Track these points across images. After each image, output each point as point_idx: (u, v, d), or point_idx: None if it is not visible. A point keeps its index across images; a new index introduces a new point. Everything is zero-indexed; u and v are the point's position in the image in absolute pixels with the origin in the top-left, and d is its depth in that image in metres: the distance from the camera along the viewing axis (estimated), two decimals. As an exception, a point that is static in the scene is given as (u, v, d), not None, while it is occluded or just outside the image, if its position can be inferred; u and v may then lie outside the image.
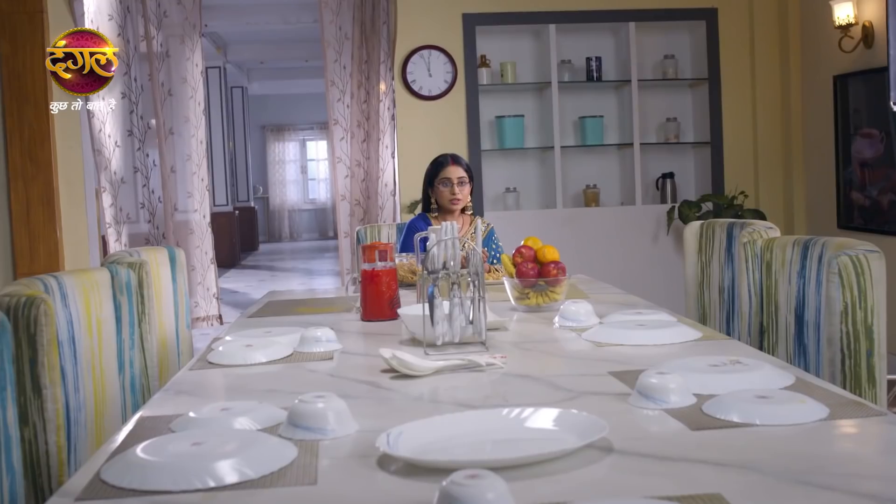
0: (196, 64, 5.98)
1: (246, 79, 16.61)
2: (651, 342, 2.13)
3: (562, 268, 2.74)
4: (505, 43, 6.44)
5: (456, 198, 3.83)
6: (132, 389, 2.60)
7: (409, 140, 6.20)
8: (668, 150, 6.58)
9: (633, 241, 6.31)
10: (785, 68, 6.27)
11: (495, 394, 1.73)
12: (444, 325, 2.13)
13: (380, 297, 2.69)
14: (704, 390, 1.64)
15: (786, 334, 2.53)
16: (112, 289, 2.55)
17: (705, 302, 3.37)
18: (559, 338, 2.31)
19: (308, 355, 2.19)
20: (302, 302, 3.26)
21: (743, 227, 3.07)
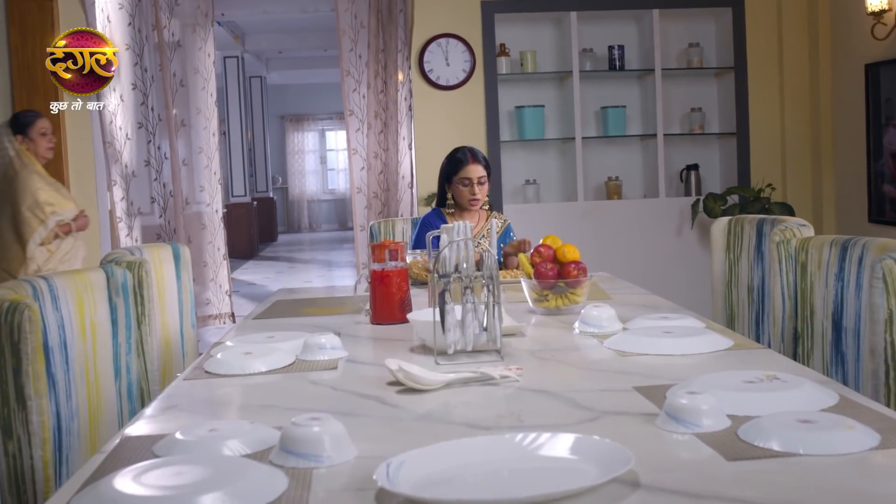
0: (208, 54, 5.85)
1: (265, 68, 16.50)
2: (679, 352, 1.98)
3: (583, 268, 2.59)
4: (525, 31, 6.28)
5: (475, 198, 3.69)
6: (129, 396, 2.47)
7: (426, 131, 6.05)
8: (693, 142, 6.40)
9: (656, 235, 6.15)
10: (814, 56, 6.07)
11: (509, 413, 1.58)
12: (457, 333, 1.99)
13: (390, 299, 2.55)
14: (739, 411, 1.49)
15: (822, 341, 2.37)
16: (107, 290, 2.42)
17: (733, 301, 3.21)
18: (580, 345, 2.16)
19: (311, 364, 2.05)
20: (310, 302, 3.13)
21: (774, 224, 2.92)
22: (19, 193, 4.37)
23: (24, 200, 4.36)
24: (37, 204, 4.37)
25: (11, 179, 4.41)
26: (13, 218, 4.37)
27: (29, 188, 4.38)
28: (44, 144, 4.48)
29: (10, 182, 4.41)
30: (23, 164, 4.43)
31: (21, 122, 4.48)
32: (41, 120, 4.51)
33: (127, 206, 5.58)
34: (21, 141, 4.45)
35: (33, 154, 4.46)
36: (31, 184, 4.40)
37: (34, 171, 4.46)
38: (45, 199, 4.40)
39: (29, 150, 4.45)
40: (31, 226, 4.36)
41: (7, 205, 4.41)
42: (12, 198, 4.39)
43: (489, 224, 3.79)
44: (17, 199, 4.37)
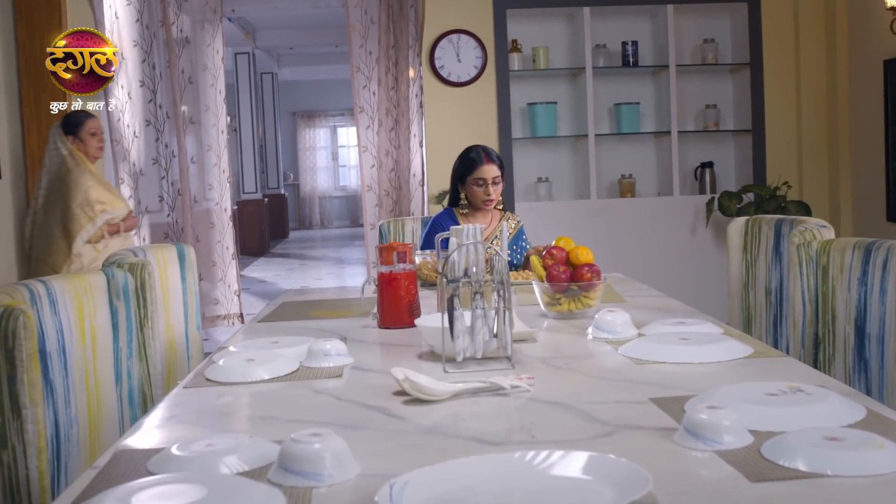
0: (217, 50, 5.79)
1: (276, 64, 16.45)
2: (696, 360, 1.91)
3: (596, 271, 2.51)
4: (537, 27, 6.20)
5: (490, 198, 3.61)
6: (130, 402, 2.41)
7: (438, 128, 5.99)
8: (708, 139, 6.32)
9: (670, 234, 6.07)
10: (832, 52, 5.97)
11: (520, 426, 1.51)
12: (466, 340, 1.92)
13: (398, 302, 2.48)
14: (762, 426, 1.42)
15: (844, 347, 2.30)
16: (108, 293, 2.36)
17: (750, 304, 3.14)
18: (593, 352, 2.09)
19: (315, 371, 1.99)
20: (317, 304, 3.06)
21: (792, 224, 2.84)
22: (71, 190, 4.45)
23: (75, 197, 4.44)
24: (87, 201, 4.44)
25: (64, 177, 4.48)
26: (62, 214, 4.44)
27: (81, 185, 4.45)
28: (94, 144, 4.55)
29: (62, 180, 4.49)
30: (76, 162, 4.50)
31: (72, 123, 4.55)
32: (91, 120, 4.59)
33: (135, 205, 5.53)
34: (72, 141, 4.52)
35: (84, 154, 4.53)
36: (82, 181, 4.46)
37: (86, 170, 4.53)
38: (95, 196, 4.47)
39: (80, 150, 4.52)
40: (80, 222, 4.42)
41: (59, 202, 4.48)
42: (64, 195, 4.46)
43: (501, 226, 3.71)
44: (69, 196, 4.44)
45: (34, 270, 4.46)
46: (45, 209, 4.54)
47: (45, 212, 4.54)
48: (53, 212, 4.49)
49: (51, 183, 4.54)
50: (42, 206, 4.55)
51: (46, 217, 4.52)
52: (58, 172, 4.52)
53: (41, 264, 4.44)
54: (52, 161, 4.54)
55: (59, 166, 4.52)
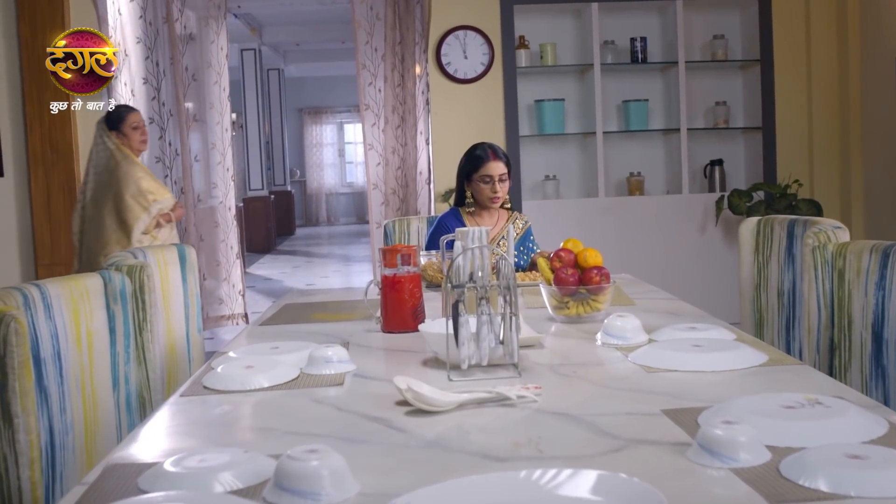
0: (221, 47, 5.74)
1: (282, 61, 16.40)
2: (709, 368, 1.84)
3: (605, 274, 2.45)
4: (545, 23, 6.14)
5: (497, 196, 3.55)
6: (128, 407, 2.36)
7: (444, 126, 5.93)
8: (717, 136, 6.25)
9: (679, 232, 6.00)
10: (843, 48, 5.90)
11: (527, 440, 1.45)
12: (471, 346, 1.86)
13: (401, 305, 2.42)
14: (780, 442, 1.36)
15: (861, 353, 2.23)
16: (105, 297, 2.31)
17: (762, 306, 3.07)
18: (602, 359, 2.03)
19: (316, 379, 1.93)
20: (320, 306, 3.01)
21: (806, 225, 2.78)
22: (122, 182, 4.52)
23: (127, 189, 4.51)
24: (140, 192, 4.52)
25: (113, 170, 4.56)
26: (116, 206, 4.52)
27: (132, 177, 4.54)
28: (136, 138, 4.62)
29: (111, 173, 4.56)
30: (123, 155, 4.58)
31: (114, 119, 4.61)
32: (132, 114, 4.65)
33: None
34: (116, 136, 4.60)
35: (128, 148, 4.60)
36: (133, 173, 4.55)
37: (134, 162, 4.62)
38: (146, 187, 4.55)
39: (124, 144, 4.59)
40: (135, 213, 4.51)
41: (110, 195, 4.55)
42: (115, 187, 4.53)
43: (508, 227, 3.65)
44: (121, 188, 4.52)
45: (89, 263, 4.54)
46: (95, 201, 4.60)
47: (94, 204, 4.60)
48: (104, 204, 4.55)
49: (99, 176, 4.61)
50: (91, 199, 4.61)
51: (97, 209, 4.58)
52: (106, 165, 4.58)
53: (98, 256, 4.50)
54: (100, 155, 4.61)
55: (107, 159, 4.59)
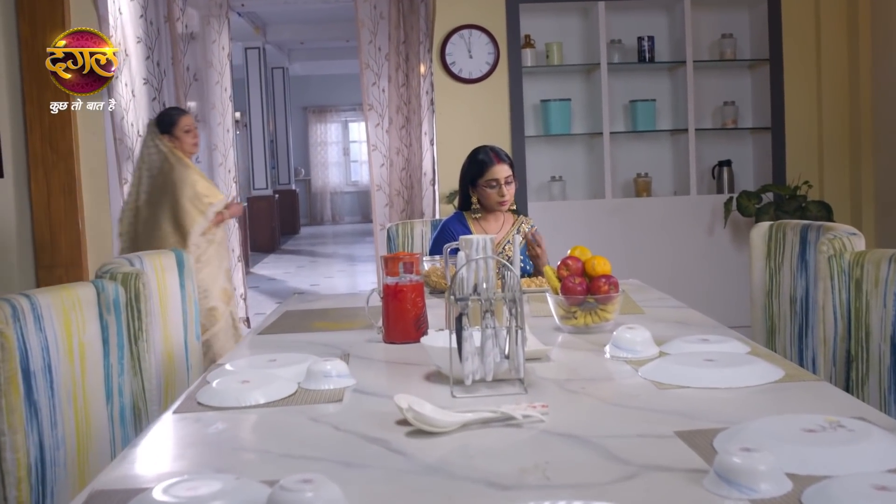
0: (223, 47, 5.67)
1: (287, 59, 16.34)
2: (723, 384, 1.77)
3: (614, 283, 2.38)
4: (551, 21, 6.07)
5: (504, 199, 3.48)
6: (122, 421, 2.29)
7: (448, 126, 5.85)
8: (725, 137, 6.17)
9: (687, 234, 5.92)
10: (853, 47, 5.81)
11: (534, 466, 1.38)
12: (475, 362, 1.79)
13: (404, 315, 2.35)
14: (800, 469, 1.28)
15: (879, 366, 2.15)
16: (98, 307, 2.24)
17: (774, 313, 3.00)
18: (612, 373, 1.96)
19: (314, 395, 1.86)
20: (321, 314, 2.94)
21: (819, 231, 2.70)
22: (178, 186, 4.55)
23: (184, 192, 4.54)
24: (196, 196, 4.55)
25: (168, 173, 4.58)
26: (173, 210, 4.54)
27: (187, 180, 4.56)
28: (188, 140, 4.65)
29: (166, 176, 4.59)
30: (177, 158, 4.61)
31: (165, 122, 4.65)
32: (184, 117, 4.68)
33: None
34: (168, 139, 4.63)
35: (180, 151, 4.63)
36: (188, 176, 4.57)
37: (188, 165, 4.64)
38: (202, 190, 4.58)
39: (176, 147, 4.62)
40: (193, 216, 4.53)
41: (166, 198, 4.57)
42: (171, 191, 4.56)
43: (513, 233, 3.58)
44: (177, 192, 4.54)
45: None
46: (150, 204, 4.62)
47: (149, 207, 4.62)
48: (160, 207, 4.57)
49: (153, 179, 4.62)
50: (146, 202, 4.63)
51: (152, 212, 4.60)
52: (160, 168, 4.60)
53: None
54: (152, 158, 4.63)
55: (161, 162, 4.61)
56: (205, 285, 4.58)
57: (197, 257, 4.53)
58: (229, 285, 4.78)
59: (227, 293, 4.75)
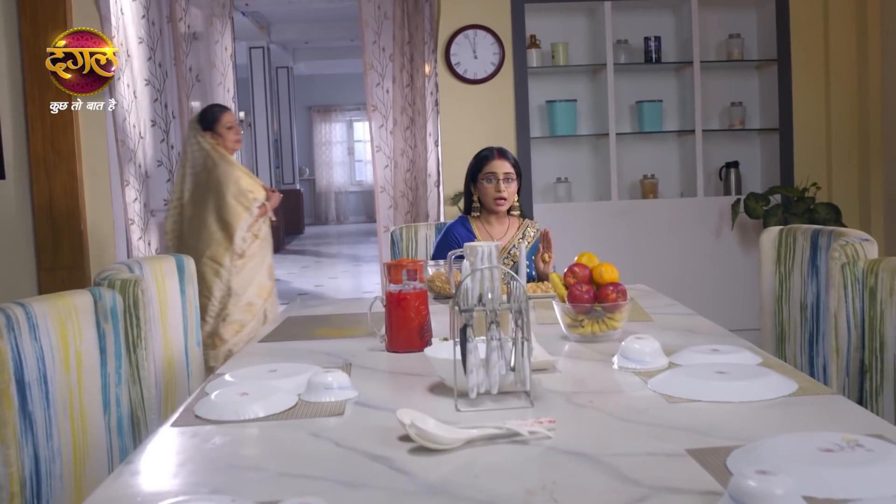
0: (226, 47, 5.62)
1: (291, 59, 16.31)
2: (735, 398, 1.72)
3: (622, 290, 2.33)
4: (556, 22, 6.01)
5: (501, 196, 3.42)
6: (119, 431, 2.25)
7: (453, 127, 5.80)
8: (733, 138, 6.11)
9: (693, 236, 5.87)
10: (863, 46, 5.75)
11: (541, 487, 1.33)
12: (480, 374, 1.74)
13: (408, 323, 2.30)
14: (818, 492, 1.23)
15: (894, 377, 2.10)
16: (95, 315, 2.20)
17: (783, 319, 2.95)
18: (620, 385, 1.91)
19: (315, 407, 1.81)
20: (323, 320, 2.89)
21: (831, 237, 2.65)
22: (222, 183, 4.59)
23: (228, 189, 4.58)
24: (241, 192, 4.58)
25: (211, 171, 4.62)
26: (217, 207, 4.58)
27: (231, 177, 4.60)
28: (231, 137, 4.69)
29: (209, 173, 4.62)
30: (220, 155, 4.65)
31: (208, 119, 4.68)
32: (226, 114, 4.72)
33: (140, 208, 5.37)
34: (211, 136, 4.66)
35: (222, 147, 4.67)
36: (231, 173, 4.61)
37: (231, 161, 4.68)
38: (246, 186, 4.61)
39: (218, 144, 4.66)
40: (238, 213, 4.57)
41: (210, 195, 4.61)
42: (215, 188, 4.60)
43: (518, 237, 3.52)
44: (223, 189, 4.58)
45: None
46: (194, 202, 4.66)
47: (193, 205, 4.66)
48: (204, 204, 4.61)
49: (197, 176, 4.66)
50: (190, 200, 4.67)
51: (196, 210, 4.64)
52: (204, 165, 4.64)
53: (201, 256, 4.55)
54: (195, 155, 4.68)
55: (203, 160, 4.65)
56: (246, 281, 4.62)
57: (242, 252, 4.58)
58: (269, 281, 4.80)
59: (265, 289, 4.76)
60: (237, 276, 4.59)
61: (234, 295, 4.59)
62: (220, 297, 4.58)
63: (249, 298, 4.64)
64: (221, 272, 4.56)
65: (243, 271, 4.59)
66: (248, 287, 4.63)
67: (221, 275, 4.56)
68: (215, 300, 4.57)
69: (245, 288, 4.60)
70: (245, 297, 4.61)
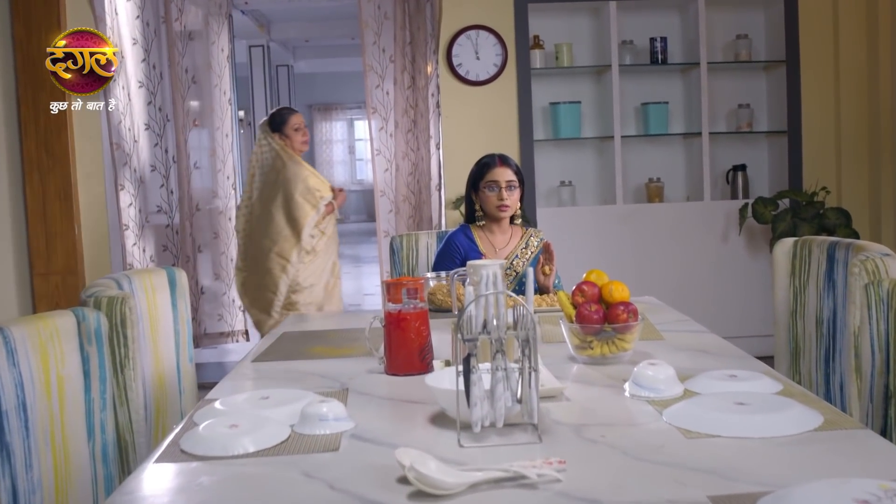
0: (222, 49, 5.50)
1: (292, 57, 16.18)
2: (757, 434, 1.61)
3: (633, 310, 2.21)
4: (560, 22, 5.90)
5: (504, 204, 3.33)
6: (104, 459, 2.14)
7: (455, 129, 5.69)
8: (740, 140, 6.00)
9: (700, 241, 5.75)
10: (873, 47, 5.63)
11: (551, 542, 1.22)
12: (485, 407, 1.64)
13: (407, 345, 2.19)
14: (857, 553, 1.12)
15: (921, 404, 1.99)
16: (78, 337, 2.09)
17: (798, 334, 2.84)
18: (633, 416, 1.80)
19: (308, 441, 1.70)
20: (320, 337, 2.78)
21: (848, 250, 2.55)
22: (291, 182, 4.73)
23: (297, 188, 4.72)
24: (308, 190, 4.73)
25: (280, 170, 4.76)
26: (286, 205, 4.72)
27: (299, 176, 4.74)
28: (298, 139, 4.83)
29: (278, 173, 4.77)
30: (289, 155, 4.79)
31: (277, 121, 4.84)
32: (294, 116, 4.89)
33: (136, 213, 5.26)
34: (279, 138, 4.81)
35: (290, 148, 4.81)
36: (300, 172, 4.76)
37: (299, 161, 4.82)
38: (313, 184, 4.75)
39: (287, 145, 4.80)
40: (306, 211, 4.71)
41: (279, 194, 4.74)
42: (285, 187, 4.73)
43: (524, 242, 3.42)
44: (290, 188, 4.73)
45: (257, 261, 4.76)
46: (262, 201, 4.79)
47: (261, 203, 4.79)
48: (273, 202, 4.74)
49: (266, 176, 4.80)
50: (259, 199, 4.80)
51: (265, 208, 4.77)
52: (272, 165, 4.78)
53: (269, 253, 4.71)
54: (265, 156, 4.82)
55: (273, 160, 4.79)
56: (312, 276, 4.72)
57: (310, 249, 4.71)
58: (334, 278, 4.93)
59: (329, 285, 4.89)
60: (304, 271, 4.74)
61: (299, 291, 4.74)
62: (285, 291, 4.73)
63: (315, 294, 4.75)
64: (288, 268, 4.71)
65: (310, 267, 4.72)
66: (314, 282, 4.75)
67: (288, 270, 4.71)
68: (280, 295, 4.74)
69: (311, 282, 4.71)
70: (310, 291, 4.71)
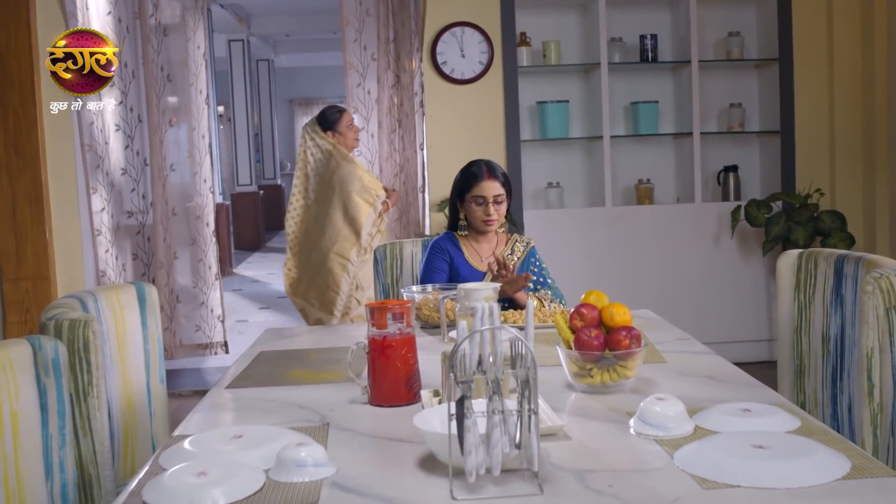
0: (198, 46, 5.30)
1: (272, 51, 15.99)
2: (781, 484, 1.46)
3: (636, 336, 2.06)
4: (548, 18, 5.76)
5: (490, 219, 3.21)
6: (63, 500, 1.97)
7: (440, 129, 5.54)
8: (732, 141, 5.88)
9: (691, 244, 5.63)
10: (868, 45, 5.51)
11: None
12: (480, 454, 1.48)
13: (393, 374, 2.03)
14: None
15: (948, 439, 1.85)
16: (35, 368, 1.92)
17: (803, 351, 2.70)
18: (642, 458, 1.64)
19: (285, 491, 1.54)
20: (299, 357, 2.61)
21: (858, 265, 2.41)
22: (347, 180, 4.69)
23: (353, 186, 4.68)
24: (364, 188, 4.69)
25: (335, 169, 4.73)
26: (343, 203, 4.68)
27: (355, 174, 4.71)
28: (351, 136, 4.82)
29: (333, 172, 4.73)
30: (342, 154, 4.75)
31: (329, 120, 4.80)
32: (346, 114, 4.86)
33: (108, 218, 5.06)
34: (332, 136, 4.77)
35: (343, 146, 4.78)
36: (354, 170, 4.72)
37: (353, 160, 4.80)
38: (368, 182, 4.73)
39: (339, 143, 4.77)
40: (363, 209, 4.67)
41: (335, 193, 4.71)
42: (340, 185, 4.70)
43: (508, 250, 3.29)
44: (347, 186, 4.68)
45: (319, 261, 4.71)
46: (318, 201, 4.77)
47: (318, 203, 4.77)
48: (329, 202, 4.71)
49: (320, 176, 4.77)
50: (315, 200, 4.78)
51: (321, 207, 4.74)
52: (326, 165, 4.75)
53: (328, 253, 4.69)
54: (317, 156, 4.79)
55: (327, 159, 4.76)
56: (368, 279, 4.63)
57: (366, 247, 4.69)
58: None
59: None
60: (361, 270, 4.69)
61: (360, 289, 4.69)
62: (347, 291, 4.69)
63: (370, 294, 4.69)
64: (349, 267, 4.68)
65: (367, 265, 4.63)
66: (371, 285, 4.66)
67: (349, 269, 4.68)
68: (343, 294, 4.70)
69: (370, 282, 4.61)
70: (370, 291, 4.66)
